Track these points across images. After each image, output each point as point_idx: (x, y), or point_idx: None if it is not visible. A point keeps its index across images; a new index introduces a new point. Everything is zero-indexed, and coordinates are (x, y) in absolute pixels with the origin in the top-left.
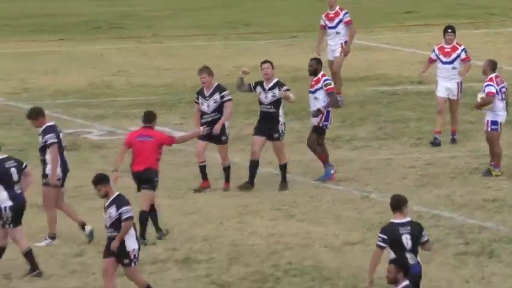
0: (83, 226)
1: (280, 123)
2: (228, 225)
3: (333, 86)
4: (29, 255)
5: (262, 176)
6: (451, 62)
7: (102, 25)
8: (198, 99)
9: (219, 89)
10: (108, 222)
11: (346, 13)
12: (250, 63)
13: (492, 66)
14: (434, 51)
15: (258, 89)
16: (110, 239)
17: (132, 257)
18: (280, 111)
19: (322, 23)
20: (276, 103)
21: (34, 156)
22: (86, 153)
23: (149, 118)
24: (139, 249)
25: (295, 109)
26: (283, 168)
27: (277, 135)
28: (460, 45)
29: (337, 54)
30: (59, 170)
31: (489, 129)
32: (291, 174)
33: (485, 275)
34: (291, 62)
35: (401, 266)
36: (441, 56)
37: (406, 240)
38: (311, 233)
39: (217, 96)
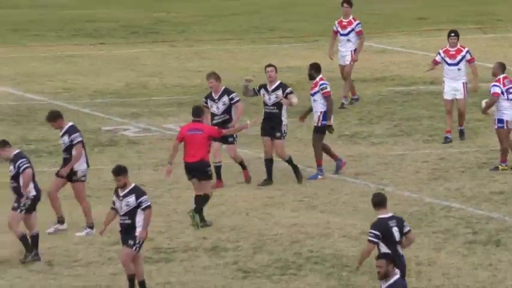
0: (91, 226)
1: (283, 124)
2: (254, 216)
3: (328, 89)
4: (24, 239)
5: (285, 170)
6: (457, 64)
7: (138, 30)
8: (206, 102)
9: (227, 91)
10: (124, 210)
11: (358, 23)
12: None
13: (502, 68)
14: (439, 54)
15: (262, 91)
16: (123, 226)
17: (137, 240)
18: (283, 112)
19: (334, 28)
20: (279, 104)
21: None
22: (122, 148)
23: (198, 113)
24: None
25: None
26: (290, 163)
27: (279, 134)
28: (464, 48)
29: (347, 62)
30: (85, 166)
31: (496, 127)
32: (311, 168)
33: (492, 262)
34: None
35: (391, 258)
36: (447, 58)
37: (396, 233)
38: (331, 223)
39: (225, 98)
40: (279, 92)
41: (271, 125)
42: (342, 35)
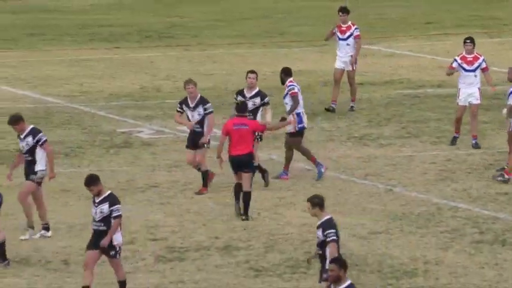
0: (31, 227)
1: None
2: (265, 215)
3: (295, 90)
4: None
5: (295, 171)
6: (474, 70)
7: (153, 34)
8: (182, 108)
9: (202, 101)
10: (99, 217)
11: (356, 28)
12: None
13: None
14: (456, 60)
15: (239, 97)
16: (97, 232)
17: (117, 248)
18: (259, 118)
19: (333, 30)
20: (255, 111)
21: (91, 152)
22: (137, 150)
23: (242, 108)
24: (122, 243)
25: (323, 110)
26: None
27: None
28: (481, 55)
29: (350, 68)
30: (44, 167)
31: (510, 130)
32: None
33: (498, 262)
34: (322, 67)
35: (342, 263)
36: (464, 65)
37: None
38: (340, 223)
39: (200, 109)
40: (257, 100)
41: None
42: (341, 39)
